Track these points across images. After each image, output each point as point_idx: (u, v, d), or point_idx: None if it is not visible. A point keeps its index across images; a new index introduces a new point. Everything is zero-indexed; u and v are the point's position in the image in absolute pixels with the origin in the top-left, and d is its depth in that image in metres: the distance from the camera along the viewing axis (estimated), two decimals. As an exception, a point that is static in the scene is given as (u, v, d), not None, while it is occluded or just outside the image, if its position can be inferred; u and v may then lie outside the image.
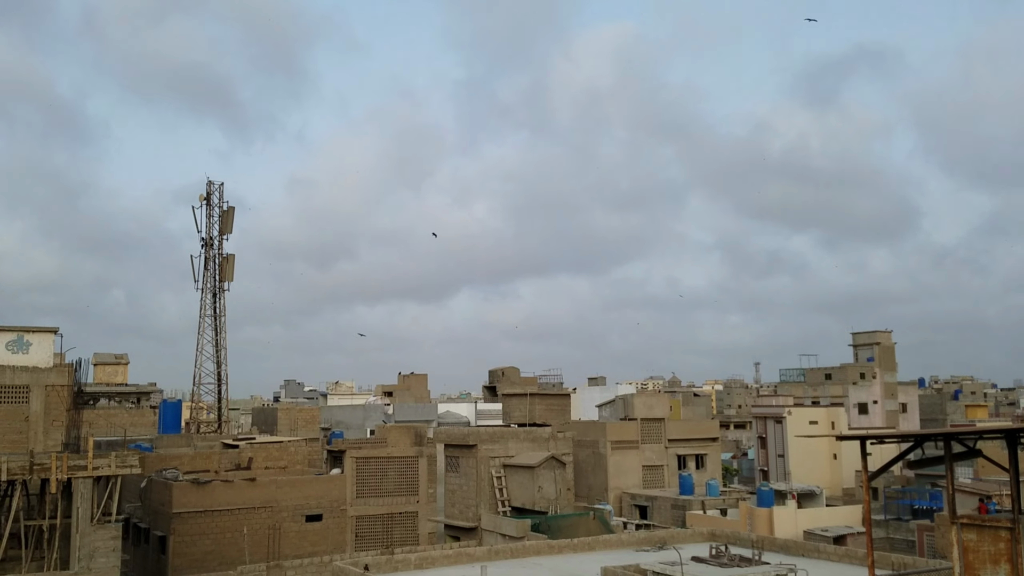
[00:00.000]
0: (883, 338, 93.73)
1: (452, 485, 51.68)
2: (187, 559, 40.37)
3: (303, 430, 72.62)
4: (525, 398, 59.22)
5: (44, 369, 40.72)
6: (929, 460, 25.94)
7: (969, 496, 46.69)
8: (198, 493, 41.37)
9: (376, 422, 79.21)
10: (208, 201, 72.94)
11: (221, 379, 72.40)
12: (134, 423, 62.16)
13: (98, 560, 31.59)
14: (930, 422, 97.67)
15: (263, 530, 42.15)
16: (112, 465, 32.38)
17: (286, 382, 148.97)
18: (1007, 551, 19.79)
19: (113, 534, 32.17)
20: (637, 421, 63.42)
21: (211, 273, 72.55)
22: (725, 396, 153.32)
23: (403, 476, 47.55)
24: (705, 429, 67.94)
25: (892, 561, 29.91)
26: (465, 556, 32.58)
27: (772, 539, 35.36)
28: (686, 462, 64.36)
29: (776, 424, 74.67)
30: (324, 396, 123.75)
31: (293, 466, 50.79)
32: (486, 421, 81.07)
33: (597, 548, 34.47)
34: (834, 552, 32.39)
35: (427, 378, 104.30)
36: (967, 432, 22.52)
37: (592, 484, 61.61)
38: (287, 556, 40.90)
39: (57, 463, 31.25)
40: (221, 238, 72.80)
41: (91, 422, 57.53)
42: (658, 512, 56.63)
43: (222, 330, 72.41)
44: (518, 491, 48.38)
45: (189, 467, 47.96)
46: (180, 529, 40.51)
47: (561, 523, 41.47)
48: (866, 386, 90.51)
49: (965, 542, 20.76)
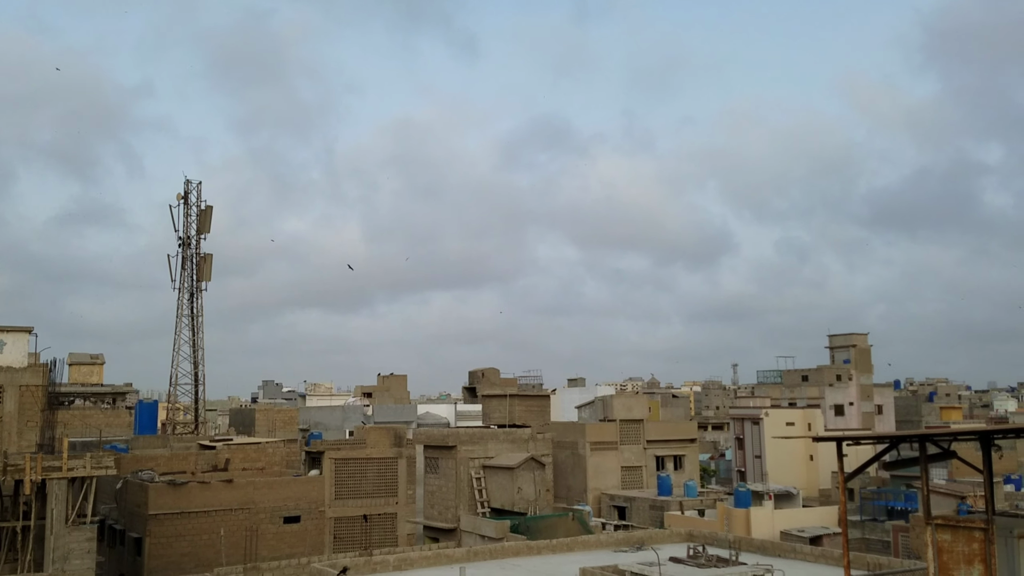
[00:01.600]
0: (859, 340, 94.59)
1: (431, 486, 51.59)
2: (163, 561, 40.09)
3: (281, 431, 72.22)
4: (505, 399, 59.19)
5: (18, 369, 40.25)
6: (904, 461, 26.22)
7: (944, 497, 47.17)
8: (174, 494, 41.08)
9: (355, 423, 78.85)
10: (185, 200, 72.43)
11: (198, 379, 71.94)
12: (110, 424, 61.58)
13: (73, 562, 31.31)
14: (905, 424, 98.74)
15: (240, 532, 41.92)
16: (87, 466, 32.13)
17: (264, 383, 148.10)
18: (981, 551, 20.02)
19: (88, 536, 31.91)
20: (616, 422, 63.59)
21: (188, 273, 72.07)
22: (703, 397, 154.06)
23: (382, 477, 47.46)
24: (683, 430, 68.19)
25: (868, 562, 30.17)
26: (444, 557, 32.55)
27: (749, 539, 35.57)
28: (664, 463, 64.60)
29: (753, 425, 75.20)
30: (303, 397, 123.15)
31: (271, 467, 50.53)
32: (466, 422, 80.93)
33: (576, 549, 34.53)
34: (810, 552, 32.62)
35: (407, 379, 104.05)
36: (942, 434, 22.73)
37: (571, 485, 61.71)
38: (264, 558, 40.63)
39: (31, 464, 30.94)
40: (199, 237, 72.32)
41: (66, 423, 56.90)
42: (636, 513, 56.82)
43: (199, 330, 71.95)
44: (497, 492, 48.38)
45: (165, 468, 47.61)
46: (156, 531, 40.22)
47: (540, 524, 41.46)
48: (842, 388, 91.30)
49: (940, 542, 20.98)
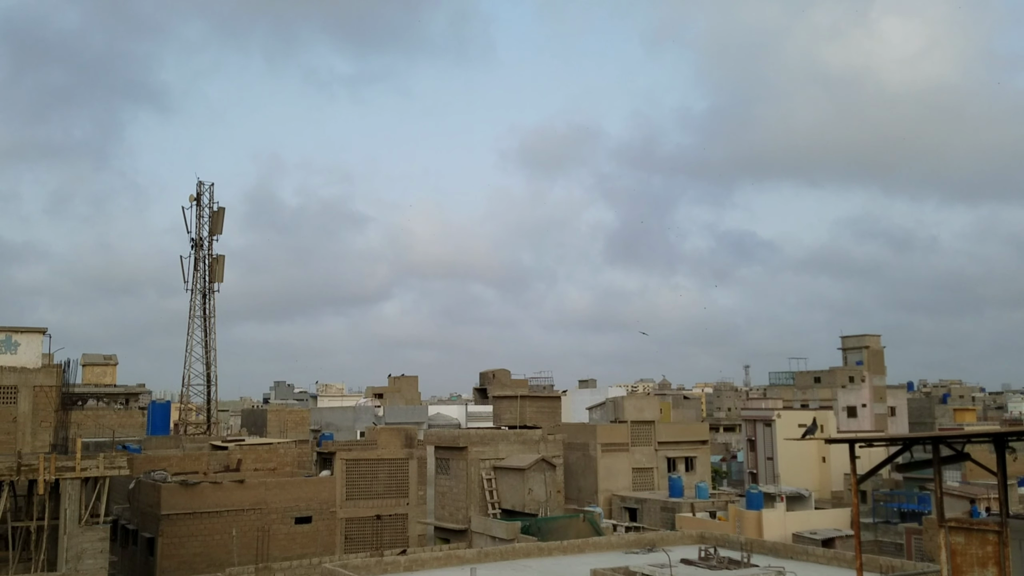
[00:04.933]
0: (872, 342, 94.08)
1: (442, 487, 51.60)
2: (175, 561, 40.23)
3: (293, 432, 72.49)
4: (516, 400, 59.01)
5: (32, 370, 40.51)
6: (918, 463, 26.08)
7: (957, 499, 46.87)
8: (187, 495, 41.22)
9: (366, 424, 79.00)
10: (198, 201, 72.75)
11: (210, 380, 72.21)
12: (123, 424, 61.90)
13: (86, 562, 31.45)
14: (918, 426, 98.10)
15: (252, 532, 42.04)
16: (100, 466, 32.27)
17: (276, 384, 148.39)
18: (995, 554, 19.90)
19: (101, 535, 32.04)
20: (627, 424, 63.45)
21: (201, 274, 72.37)
22: (715, 399, 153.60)
23: (393, 478, 47.51)
24: (695, 432, 67.97)
25: (880, 564, 30.03)
26: (455, 558, 32.57)
27: (761, 542, 35.45)
28: (676, 464, 64.42)
29: (765, 427, 74.89)
30: (314, 398, 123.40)
31: (282, 468, 50.66)
32: (476, 423, 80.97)
33: (587, 550, 34.50)
34: (822, 555, 32.49)
35: (418, 380, 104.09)
36: (955, 436, 22.61)
37: (582, 486, 61.61)
38: (276, 558, 40.78)
39: (45, 464, 31.11)
40: (211, 239, 72.63)
41: (79, 423, 57.23)
42: (648, 514, 56.68)
43: (212, 331, 72.24)
44: (508, 493, 48.33)
45: (178, 468, 47.79)
46: (168, 531, 40.37)
47: (551, 525, 41.43)
48: (855, 389, 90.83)
49: (953, 545, 20.86)
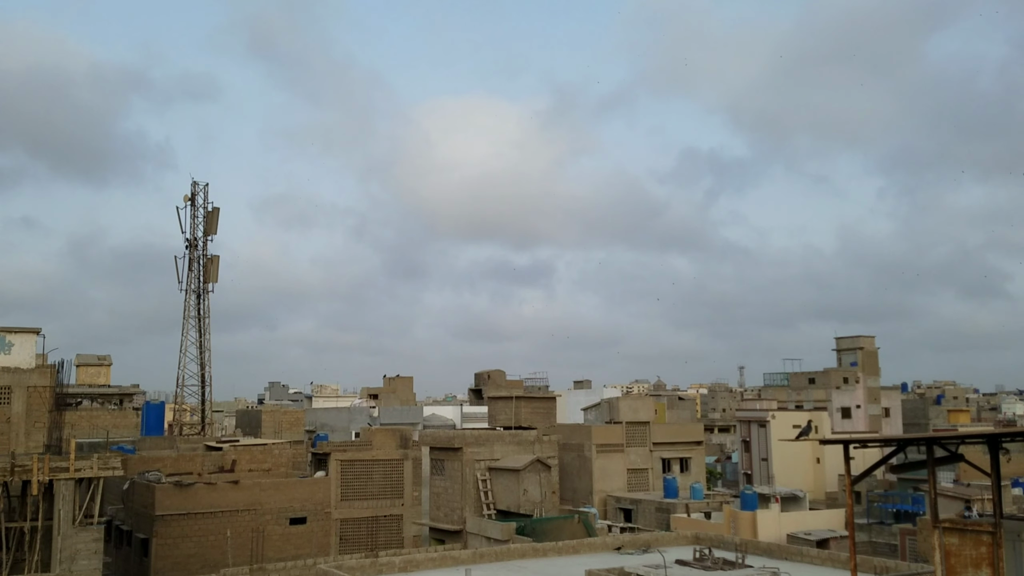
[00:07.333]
0: (866, 343, 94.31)
1: (437, 488, 51.58)
2: (170, 562, 40.15)
3: (287, 432, 72.31)
4: (511, 401, 59.03)
5: (26, 370, 40.43)
6: (912, 464, 26.21)
7: (952, 500, 47.02)
8: (181, 495, 41.15)
9: (361, 425, 78.87)
10: (192, 202, 72.57)
11: (205, 381, 72.05)
12: (117, 425, 61.72)
13: (80, 562, 31.38)
14: (913, 427, 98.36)
15: (246, 533, 41.99)
16: (94, 467, 32.19)
17: (270, 384, 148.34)
18: (988, 555, 19.95)
19: (95, 536, 31.96)
20: (622, 424, 63.50)
21: (195, 274, 72.20)
22: (709, 400, 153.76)
23: (388, 479, 47.47)
24: (689, 432, 68.04)
25: (875, 565, 30.08)
26: (450, 559, 32.55)
27: (755, 542, 35.48)
28: (670, 465, 64.47)
29: (760, 428, 75.07)
30: (309, 399, 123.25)
31: (277, 469, 50.54)
32: (472, 424, 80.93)
33: (581, 551, 34.49)
34: (817, 556, 32.54)
35: (413, 380, 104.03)
36: (949, 436, 22.70)
37: (577, 487, 61.64)
38: (271, 559, 40.70)
39: (39, 464, 31.03)
40: (206, 239, 72.47)
41: (73, 423, 57.09)
42: (642, 515, 56.73)
43: (206, 332, 72.08)
44: (503, 494, 48.35)
45: (172, 469, 47.66)
46: (163, 532, 40.29)
47: (546, 526, 41.46)
48: (849, 391, 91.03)
49: (947, 546, 20.92)
